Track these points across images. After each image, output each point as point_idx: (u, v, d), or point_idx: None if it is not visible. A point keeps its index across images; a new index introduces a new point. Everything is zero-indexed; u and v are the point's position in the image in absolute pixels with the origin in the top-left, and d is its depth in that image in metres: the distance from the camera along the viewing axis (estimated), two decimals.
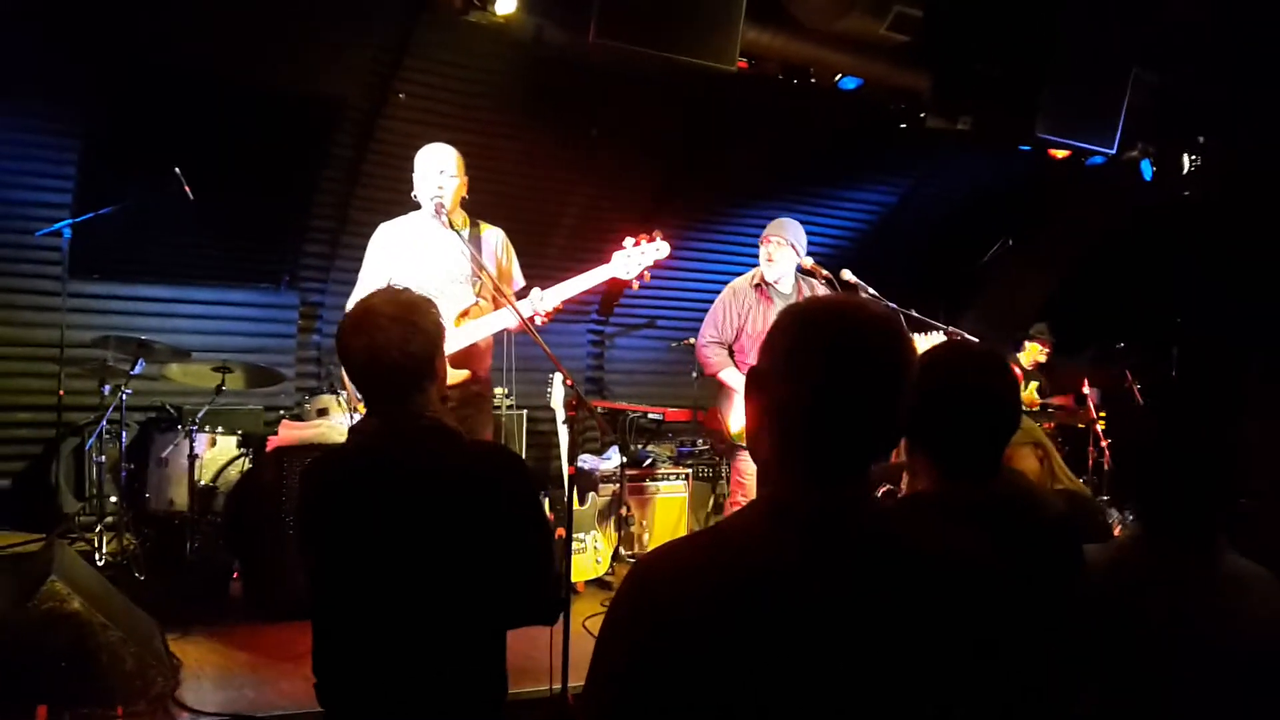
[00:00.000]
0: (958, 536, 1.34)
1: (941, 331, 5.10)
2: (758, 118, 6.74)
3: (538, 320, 3.94)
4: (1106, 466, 6.65)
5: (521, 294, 4.08)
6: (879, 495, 2.00)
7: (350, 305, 3.97)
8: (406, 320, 2.14)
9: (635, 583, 1.25)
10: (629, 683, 1.20)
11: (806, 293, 5.08)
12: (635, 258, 4.08)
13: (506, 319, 3.96)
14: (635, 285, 4.11)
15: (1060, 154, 6.82)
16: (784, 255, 5.02)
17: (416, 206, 4.12)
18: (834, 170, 7.64)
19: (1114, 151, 6.54)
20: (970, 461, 1.81)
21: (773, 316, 1.40)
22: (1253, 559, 2.19)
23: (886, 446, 1.33)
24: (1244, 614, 2.00)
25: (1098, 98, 6.30)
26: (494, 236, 4.15)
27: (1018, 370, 6.98)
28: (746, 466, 5.03)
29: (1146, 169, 7.35)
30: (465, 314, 3.99)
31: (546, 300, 3.94)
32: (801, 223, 5.26)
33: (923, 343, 5.20)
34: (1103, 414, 6.83)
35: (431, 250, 4.05)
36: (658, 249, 4.11)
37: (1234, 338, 7.49)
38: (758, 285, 5.09)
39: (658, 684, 1.17)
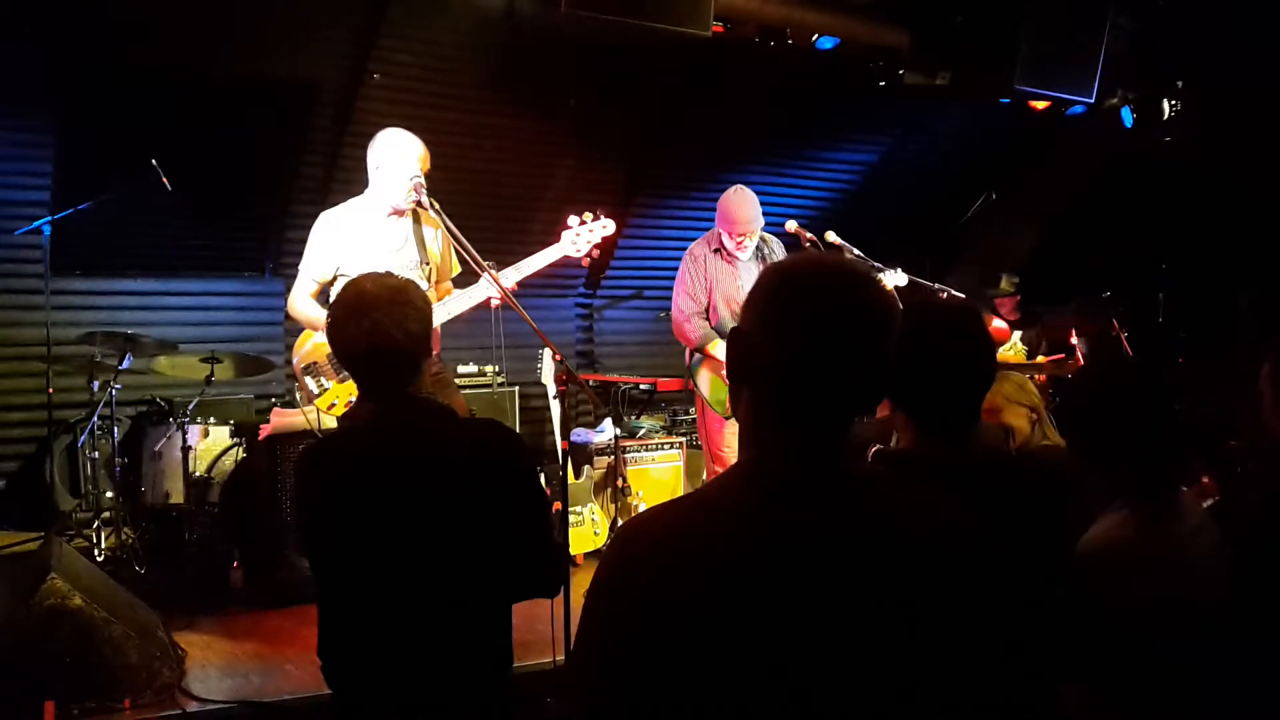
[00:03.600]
0: (935, 499, 1.32)
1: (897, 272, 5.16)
2: (736, 81, 6.71)
3: (493, 303, 4.09)
4: None
5: (473, 278, 4.08)
6: (870, 453, 2.02)
7: (294, 295, 4.11)
8: (402, 300, 2.15)
9: (618, 550, 1.26)
10: (614, 650, 1.21)
11: (765, 251, 5.09)
12: (584, 235, 4.20)
13: (464, 301, 4.04)
14: (585, 263, 4.28)
15: (1040, 105, 6.80)
16: (755, 240, 5.04)
17: (363, 187, 4.10)
18: (815, 131, 7.60)
19: (1093, 100, 6.52)
20: (946, 417, 1.82)
21: (740, 273, 1.42)
22: (1243, 498, 2.21)
23: (868, 407, 1.32)
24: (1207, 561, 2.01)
25: (1075, 47, 6.28)
26: (435, 229, 4.17)
27: (1002, 324, 7.00)
28: (725, 433, 5.06)
29: (1127, 116, 7.33)
30: None
31: (501, 281, 3.98)
32: (783, 185, 5.25)
33: (889, 279, 5.25)
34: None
35: (378, 239, 4.05)
36: (604, 226, 4.23)
37: (1218, 281, 7.52)
38: (716, 250, 5.09)
39: (641, 651, 1.18)
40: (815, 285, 1.28)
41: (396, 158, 3.98)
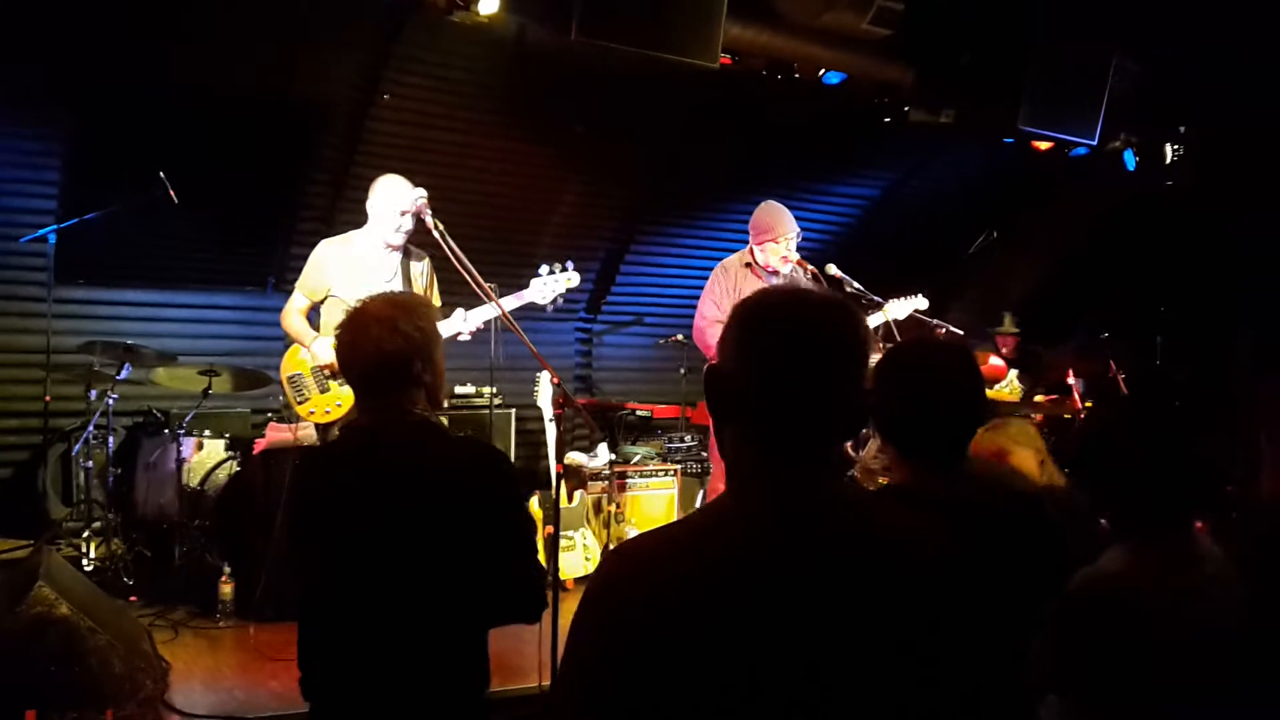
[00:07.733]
0: (918, 523, 1.35)
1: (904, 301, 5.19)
2: (743, 113, 6.76)
3: (463, 337, 4.47)
4: None
5: (443, 314, 4.44)
6: (862, 478, 2.03)
7: (287, 309, 4.60)
8: (389, 321, 2.19)
9: (606, 575, 1.28)
10: (600, 675, 1.22)
11: (798, 276, 5.09)
12: (550, 285, 4.58)
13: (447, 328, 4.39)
14: (549, 309, 4.66)
15: (1043, 145, 6.85)
16: (794, 245, 5.06)
17: (364, 219, 4.49)
18: (819, 165, 7.64)
19: (1096, 142, 6.57)
20: (932, 453, 1.83)
21: None
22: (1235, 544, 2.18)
23: (847, 430, 1.33)
24: (1220, 608, 1.98)
25: (1079, 88, 6.33)
26: (420, 263, 4.58)
27: (999, 362, 7.01)
28: None
29: (1129, 159, 7.39)
30: None
31: (470, 320, 4.47)
32: None
33: (903, 307, 5.28)
34: (1088, 404, 6.86)
35: (371, 269, 4.42)
36: (569, 278, 4.63)
37: (1219, 326, 7.54)
38: (748, 264, 5.10)
39: (628, 675, 1.19)
40: (775, 315, 1.33)
41: (386, 202, 4.37)
